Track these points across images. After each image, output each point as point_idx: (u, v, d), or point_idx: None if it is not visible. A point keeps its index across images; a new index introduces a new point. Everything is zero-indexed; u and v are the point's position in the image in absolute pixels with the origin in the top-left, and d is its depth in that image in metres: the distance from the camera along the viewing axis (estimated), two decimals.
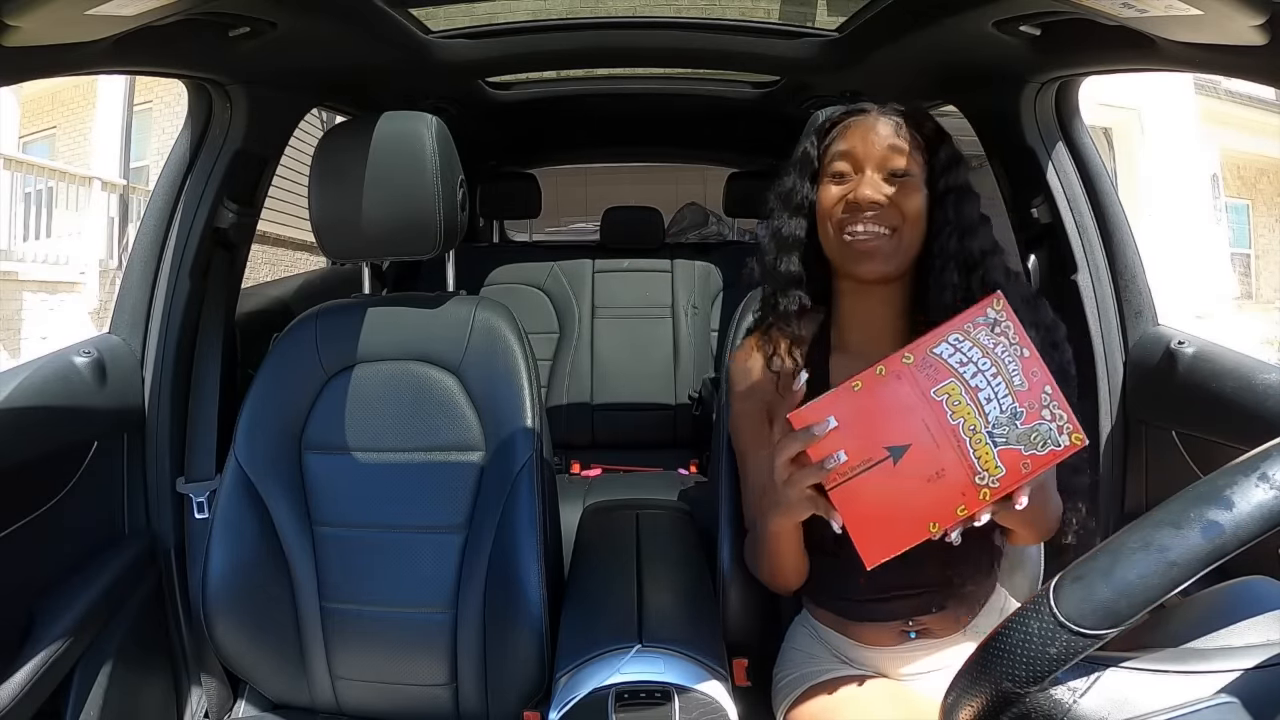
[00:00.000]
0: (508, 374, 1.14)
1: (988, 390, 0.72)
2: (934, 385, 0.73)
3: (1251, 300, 9.79)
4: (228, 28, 1.05)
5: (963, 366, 0.73)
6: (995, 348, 0.73)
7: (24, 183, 6.88)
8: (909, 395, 0.73)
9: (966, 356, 0.73)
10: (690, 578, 1.14)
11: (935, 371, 0.73)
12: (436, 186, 1.14)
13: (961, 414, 0.72)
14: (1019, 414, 0.72)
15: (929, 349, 0.73)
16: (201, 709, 1.26)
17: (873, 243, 0.92)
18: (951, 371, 0.73)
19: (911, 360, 0.73)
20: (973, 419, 0.72)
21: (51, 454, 1.10)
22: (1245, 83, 1.29)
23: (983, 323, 0.73)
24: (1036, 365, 0.73)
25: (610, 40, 1.51)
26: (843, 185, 0.95)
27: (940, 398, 0.72)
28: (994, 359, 0.72)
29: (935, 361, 0.73)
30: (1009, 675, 0.50)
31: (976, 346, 0.73)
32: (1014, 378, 0.72)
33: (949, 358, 0.73)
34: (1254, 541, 0.49)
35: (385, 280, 2.14)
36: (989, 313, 0.73)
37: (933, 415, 0.72)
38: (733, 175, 2.50)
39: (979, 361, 0.73)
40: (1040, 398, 0.72)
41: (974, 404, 0.72)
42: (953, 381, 0.72)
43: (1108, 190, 1.24)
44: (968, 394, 0.72)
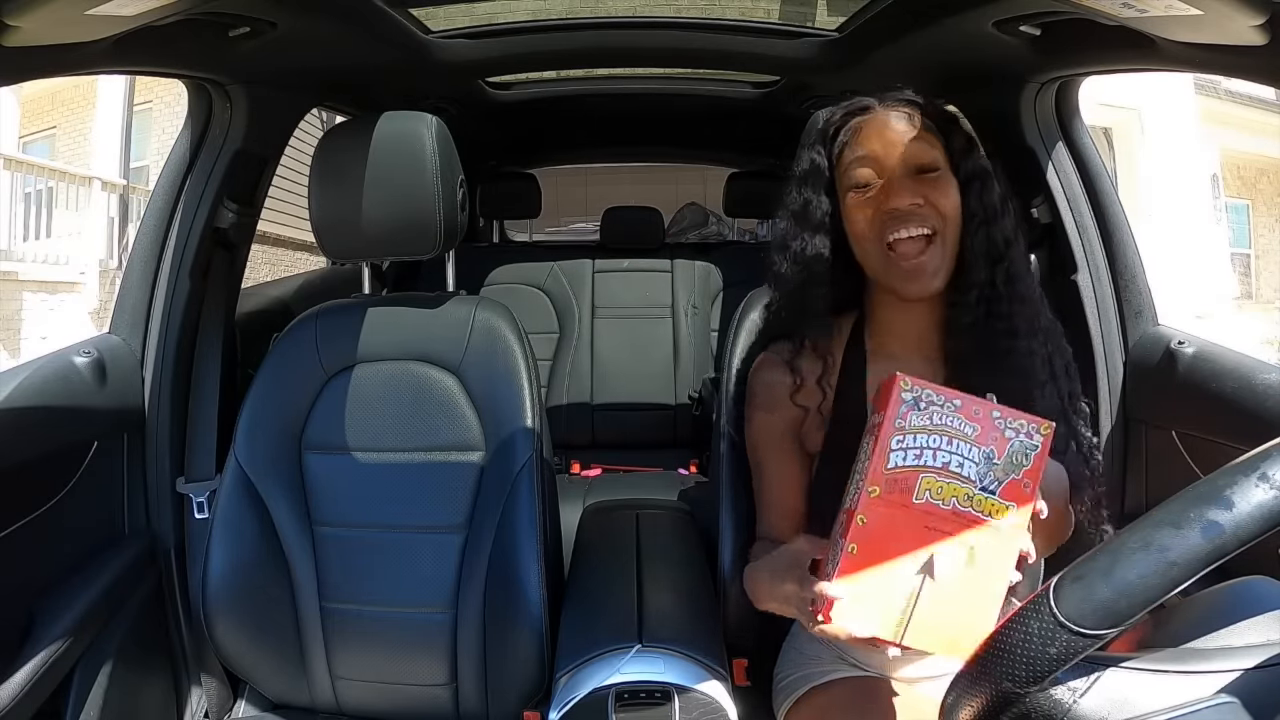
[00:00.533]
0: (508, 374, 1.14)
1: (954, 459, 0.73)
2: (910, 494, 0.73)
3: (1251, 300, 9.79)
4: (228, 28, 1.05)
5: (919, 458, 0.73)
6: (932, 419, 0.73)
7: (24, 183, 6.88)
8: (898, 519, 0.73)
9: (917, 447, 0.73)
10: (690, 578, 1.14)
11: (903, 482, 0.73)
12: (436, 186, 1.14)
13: (950, 494, 0.72)
14: (990, 454, 0.72)
15: (883, 469, 0.73)
16: (201, 709, 1.26)
17: (918, 259, 0.86)
18: (915, 470, 0.73)
19: (877, 491, 0.73)
20: (961, 489, 0.72)
21: (51, 454, 1.10)
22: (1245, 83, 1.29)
23: (906, 409, 0.73)
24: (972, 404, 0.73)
25: (610, 40, 1.51)
26: (870, 198, 0.88)
27: (923, 498, 0.72)
28: (938, 430, 0.73)
29: (895, 475, 0.73)
30: (1009, 675, 0.50)
31: (918, 433, 0.73)
32: (964, 429, 0.73)
33: (905, 461, 0.73)
34: (1254, 541, 0.49)
35: (385, 280, 2.14)
36: (905, 397, 0.73)
37: (929, 517, 0.73)
38: (733, 175, 2.50)
39: (929, 443, 0.73)
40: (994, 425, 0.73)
41: (952, 478, 0.72)
42: (923, 477, 0.73)
43: (1108, 190, 1.24)
44: (941, 476, 0.72)
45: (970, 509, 0.72)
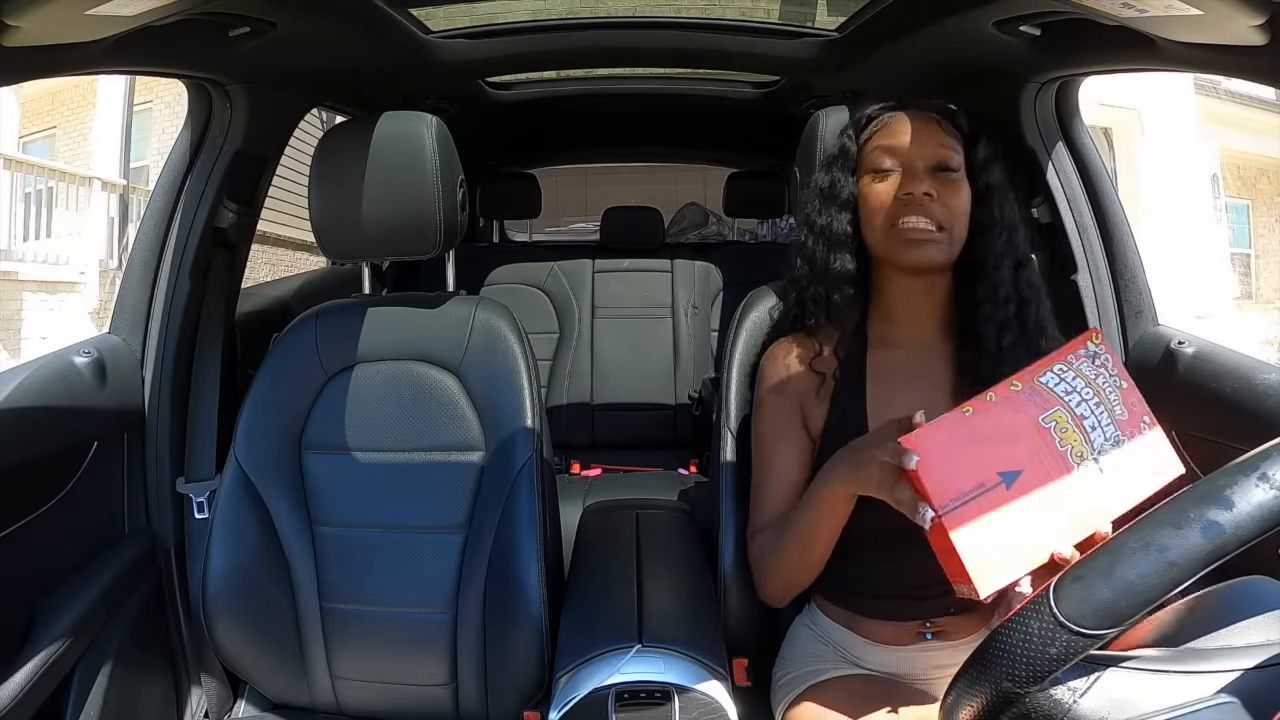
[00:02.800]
0: (508, 374, 1.14)
1: (1092, 418, 0.74)
2: (1042, 412, 0.74)
3: (1251, 300, 9.80)
4: (228, 28, 1.05)
5: (1068, 395, 0.74)
6: (1096, 379, 0.75)
7: (24, 183, 6.88)
8: (1019, 421, 0.74)
9: (1071, 386, 0.75)
10: (690, 578, 1.14)
11: (1043, 399, 0.74)
12: (436, 186, 1.14)
13: (1069, 440, 0.74)
14: (1121, 441, 0.74)
15: (1035, 378, 0.75)
16: (201, 709, 1.26)
17: (924, 228, 0.92)
18: (1058, 400, 0.74)
19: (1020, 388, 0.74)
20: (1080, 445, 0.73)
21: (51, 454, 1.10)
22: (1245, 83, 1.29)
23: (1084, 355, 0.75)
24: (1134, 396, 0.75)
25: (610, 40, 1.51)
26: (888, 181, 0.94)
27: (1049, 424, 0.73)
28: (1096, 389, 0.75)
29: (1042, 390, 0.74)
30: (1009, 675, 0.50)
31: (1080, 377, 0.75)
32: (1115, 407, 0.74)
33: (1055, 386, 0.75)
34: (1254, 541, 0.49)
35: (385, 280, 2.14)
36: (1089, 346, 0.75)
37: (1042, 441, 0.73)
38: (733, 175, 2.50)
39: (1082, 391, 0.74)
40: (1140, 426, 0.75)
41: (1080, 430, 0.74)
42: (1059, 409, 0.74)
43: (1108, 190, 1.24)
44: (1074, 421, 0.74)
45: (1076, 464, 0.73)
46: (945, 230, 0.92)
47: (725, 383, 1.13)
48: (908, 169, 0.93)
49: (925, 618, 0.96)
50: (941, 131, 0.94)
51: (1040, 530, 0.72)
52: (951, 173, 0.93)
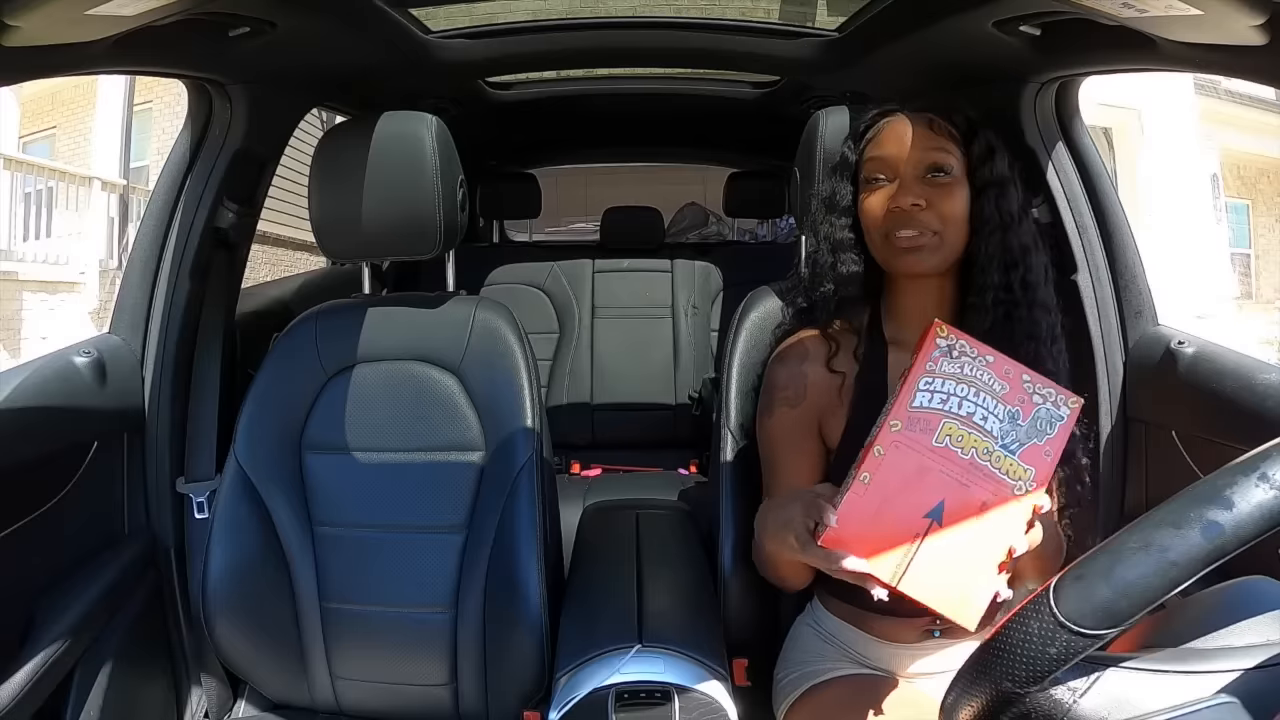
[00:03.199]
0: (508, 374, 1.14)
1: (979, 410, 0.73)
2: (931, 435, 0.73)
3: (1251, 300, 9.80)
4: (228, 28, 1.05)
5: (945, 403, 0.74)
6: (963, 370, 0.74)
7: (24, 183, 6.88)
8: (916, 457, 0.73)
9: (944, 392, 0.74)
10: (690, 578, 1.14)
11: (926, 423, 0.73)
12: (436, 186, 1.14)
13: (970, 445, 0.73)
14: (1016, 414, 0.73)
15: (908, 405, 0.74)
16: (201, 709, 1.26)
17: (917, 240, 0.92)
18: (939, 414, 0.73)
19: (899, 425, 0.73)
20: (982, 443, 0.73)
21: (51, 454, 1.10)
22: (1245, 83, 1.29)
23: (939, 354, 0.74)
24: (1004, 363, 0.74)
25: (610, 40, 1.51)
26: (882, 192, 0.94)
27: (943, 443, 0.73)
28: (967, 380, 0.74)
29: (920, 414, 0.73)
30: (1009, 675, 0.50)
31: (947, 378, 0.74)
32: (993, 385, 0.73)
33: (930, 404, 0.74)
34: (1254, 541, 0.49)
35: (385, 280, 2.14)
36: (939, 342, 0.74)
37: (945, 463, 0.73)
38: (733, 175, 2.50)
39: (956, 390, 0.74)
40: (1023, 388, 0.74)
41: (974, 429, 0.73)
42: (945, 421, 0.73)
43: (1108, 190, 1.24)
44: (964, 425, 0.73)
45: (988, 464, 0.73)
46: (938, 234, 0.92)
47: (725, 383, 1.13)
48: (898, 179, 0.93)
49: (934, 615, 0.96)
50: (934, 133, 0.94)
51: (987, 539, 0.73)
52: (945, 175, 0.93)
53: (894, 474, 0.73)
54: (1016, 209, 0.94)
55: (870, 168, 0.96)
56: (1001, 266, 0.93)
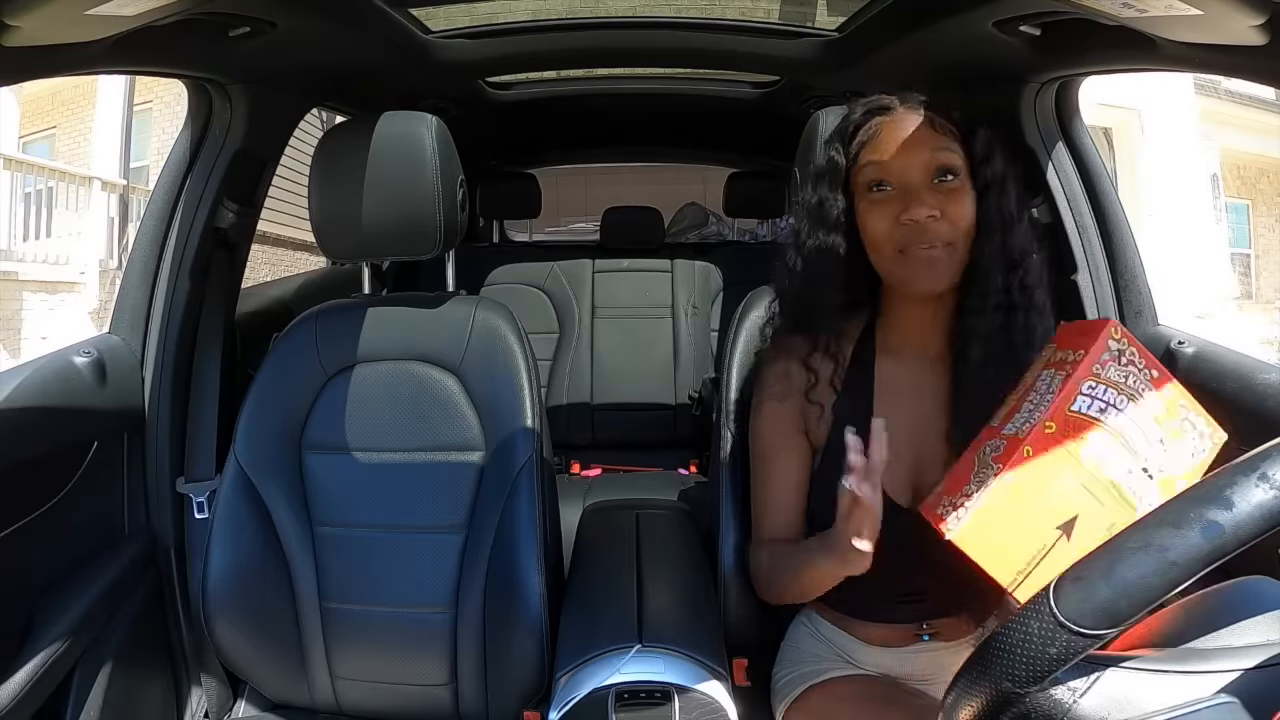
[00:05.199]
0: (508, 374, 1.14)
1: (1133, 428, 0.69)
2: (1082, 444, 0.68)
3: (1251, 300, 9.79)
4: (228, 28, 1.05)
5: (1103, 414, 0.69)
6: (1127, 380, 0.69)
7: (24, 183, 6.88)
8: (1061, 466, 0.69)
9: (1104, 401, 0.69)
10: (690, 578, 1.14)
11: (1079, 427, 0.69)
12: (436, 186, 1.14)
13: (1116, 462, 0.69)
14: (1164, 438, 0.69)
15: (1067, 408, 0.69)
16: (201, 709, 1.26)
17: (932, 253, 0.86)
18: (1095, 422, 0.69)
19: (1054, 429, 0.69)
20: (1127, 463, 0.69)
21: (51, 454, 1.10)
22: (1245, 83, 1.29)
23: (1108, 358, 0.69)
24: (1165, 380, 0.69)
25: (610, 40, 1.51)
26: (887, 201, 0.87)
27: (1090, 455, 0.68)
28: (1128, 392, 0.69)
29: (1076, 419, 0.69)
30: (1009, 675, 0.50)
31: (1110, 386, 0.69)
32: (1153, 402, 0.69)
33: (1088, 410, 0.69)
34: (1254, 541, 0.49)
35: (385, 280, 2.14)
36: (1111, 345, 0.69)
37: (1089, 477, 0.69)
38: (733, 175, 2.50)
39: (1116, 402, 0.69)
40: (1179, 411, 0.69)
41: (1124, 448, 0.68)
42: (1099, 433, 0.69)
43: (1108, 190, 1.24)
44: (1115, 440, 0.68)
45: (1126, 486, 0.68)
46: (951, 245, 0.86)
47: (725, 383, 1.13)
48: (906, 186, 0.86)
49: (923, 619, 0.96)
50: (935, 131, 0.87)
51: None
52: (953, 176, 0.87)
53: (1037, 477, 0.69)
54: (1015, 208, 0.89)
55: (868, 174, 0.89)
56: (1002, 269, 0.88)
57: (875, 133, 0.90)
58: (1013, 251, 0.88)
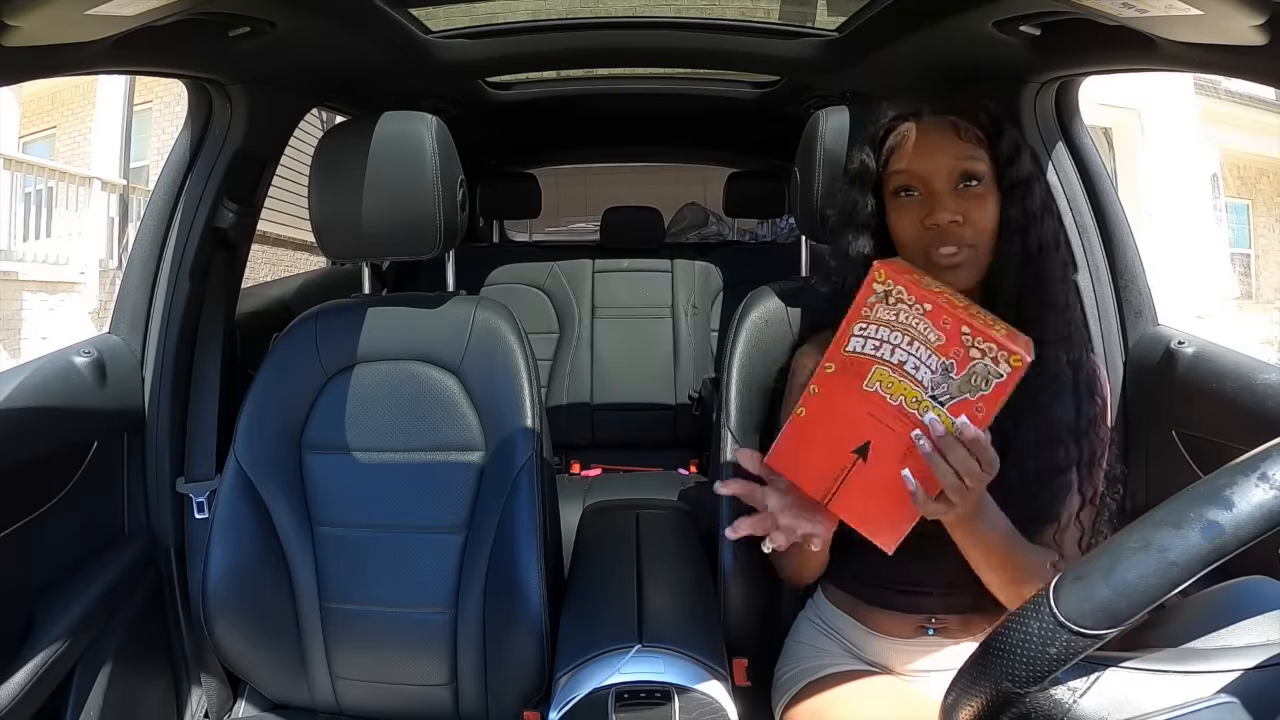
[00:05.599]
0: (508, 374, 1.14)
1: (911, 360, 0.74)
2: (862, 380, 0.75)
3: (1251, 300, 9.80)
4: (228, 28, 1.05)
5: (878, 350, 0.74)
6: (899, 317, 0.74)
7: (24, 183, 6.89)
8: (846, 399, 0.76)
9: (877, 339, 0.74)
10: (690, 578, 1.14)
11: (858, 367, 0.75)
12: (436, 186, 1.14)
13: (900, 392, 0.74)
14: (950, 366, 0.73)
15: (842, 349, 0.75)
16: (201, 709, 1.26)
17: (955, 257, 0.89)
18: (871, 359, 0.74)
19: (833, 367, 0.75)
20: (911, 391, 0.74)
21: (51, 454, 1.10)
22: (1245, 83, 1.29)
23: (875, 300, 0.74)
24: (943, 313, 0.73)
25: (610, 40, 1.51)
26: (913, 206, 0.91)
27: (873, 387, 0.74)
28: (902, 328, 0.74)
29: (853, 359, 0.75)
30: (1009, 675, 0.50)
31: (882, 325, 0.74)
32: (928, 335, 0.73)
33: (863, 349, 0.75)
34: (1254, 541, 0.49)
35: (385, 280, 2.14)
36: (875, 288, 0.74)
37: (875, 406, 0.75)
38: (733, 175, 2.50)
39: (889, 338, 0.74)
40: (961, 340, 0.73)
41: (905, 378, 0.74)
42: (877, 367, 0.74)
43: (1108, 190, 1.24)
44: (896, 372, 0.74)
45: (915, 411, 0.74)
46: (973, 247, 0.90)
47: (725, 383, 1.12)
48: (930, 191, 0.90)
49: (929, 613, 0.97)
50: (961, 139, 0.90)
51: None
52: (976, 182, 0.90)
53: (827, 410, 0.76)
54: (1038, 208, 0.91)
55: (897, 181, 0.92)
56: (1016, 267, 0.91)
57: (904, 139, 0.93)
58: (1030, 250, 0.91)
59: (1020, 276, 0.90)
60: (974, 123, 0.91)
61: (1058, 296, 0.92)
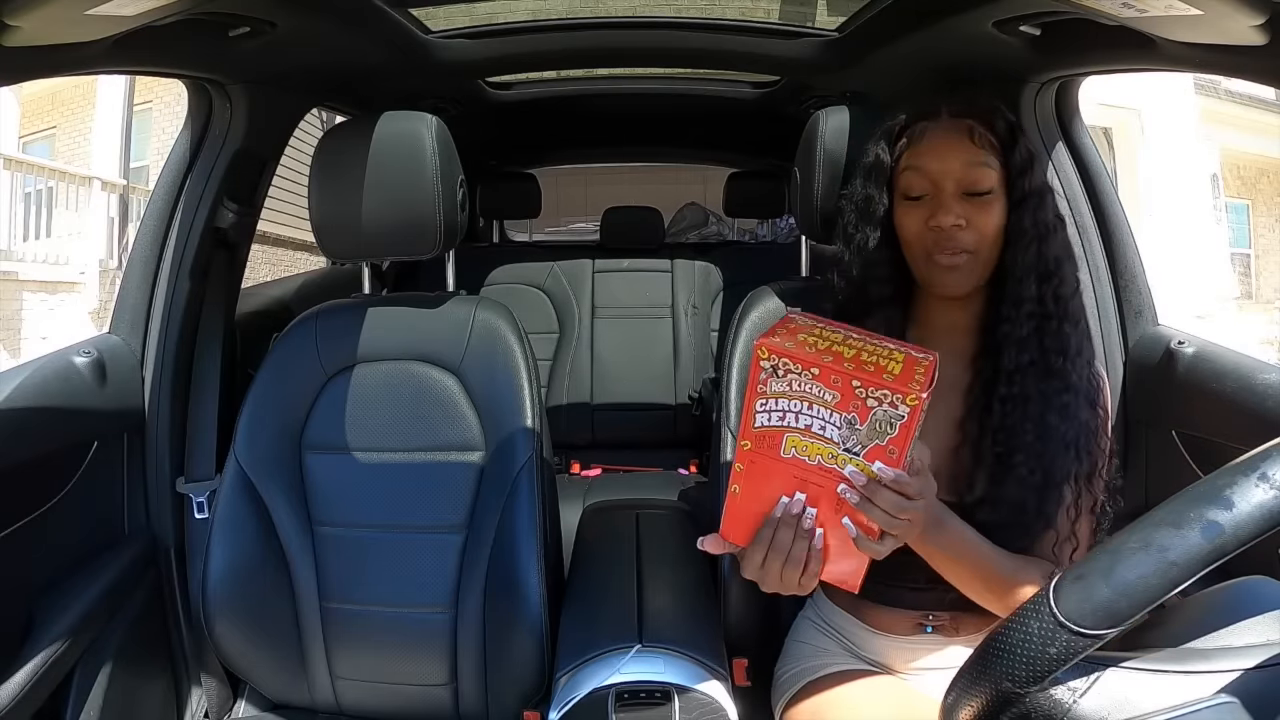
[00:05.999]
0: (508, 374, 1.14)
1: (815, 422, 0.75)
2: (779, 449, 0.76)
3: (1251, 300, 9.80)
4: (228, 28, 1.05)
5: (784, 419, 0.76)
6: (792, 387, 0.75)
7: (24, 183, 6.89)
8: (771, 468, 0.77)
9: (780, 410, 0.76)
10: (690, 578, 1.14)
11: (770, 439, 0.76)
12: (436, 186, 1.14)
13: (816, 452, 0.76)
14: (852, 420, 0.74)
15: (751, 426, 0.77)
16: (201, 709, 1.26)
17: (955, 259, 0.90)
18: (780, 430, 0.76)
19: (749, 444, 0.77)
20: (825, 449, 0.75)
21: (51, 454, 1.10)
22: (1245, 83, 1.29)
23: (766, 376, 0.76)
24: (831, 373, 0.75)
25: (610, 40, 1.51)
26: (920, 208, 0.91)
27: (790, 454, 0.76)
28: (798, 396, 0.75)
29: (764, 432, 0.76)
30: (1009, 675, 0.50)
31: (779, 397, 0.76)
32: (824, 396, 0.75)
33: (770, 422, 0.76)
34: (1254, 541, 0.49)
35: (385, 280, 2.14)
36: (763, 365, 0.76)
37: (797, 469, 0.76)
38: (733, 175, 2.50)
39: (790, 407, 0.76)
40: (854, 393, 0.74)
41: (816, 439, 0.75)
42: (788, 436, 0.76)
43: (1108, 190, 1.24)
44: (805, 436, 0.76)
45: (835, 465, 0.75)
46: (973, 254, 0.90)
47: (725, 383, 1.13)
48: (937, 194, 0.90)
49: (927, 609, 0.96)
50: (974, 145, 0.90)
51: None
52: (985, 194, 0.90)
53: (757, 483, 0.78)
54: (1052, 219, 0.92)
55: (907, 179, 0.93)
56: (1037, 279, 0.90)
57: (918, 139, 0.93)
58: (1048, 261, 0.91)
59: (1040, 288, 0.90)
60: (989, 129, 0.91)
61: (1078, 311, 0.93)
